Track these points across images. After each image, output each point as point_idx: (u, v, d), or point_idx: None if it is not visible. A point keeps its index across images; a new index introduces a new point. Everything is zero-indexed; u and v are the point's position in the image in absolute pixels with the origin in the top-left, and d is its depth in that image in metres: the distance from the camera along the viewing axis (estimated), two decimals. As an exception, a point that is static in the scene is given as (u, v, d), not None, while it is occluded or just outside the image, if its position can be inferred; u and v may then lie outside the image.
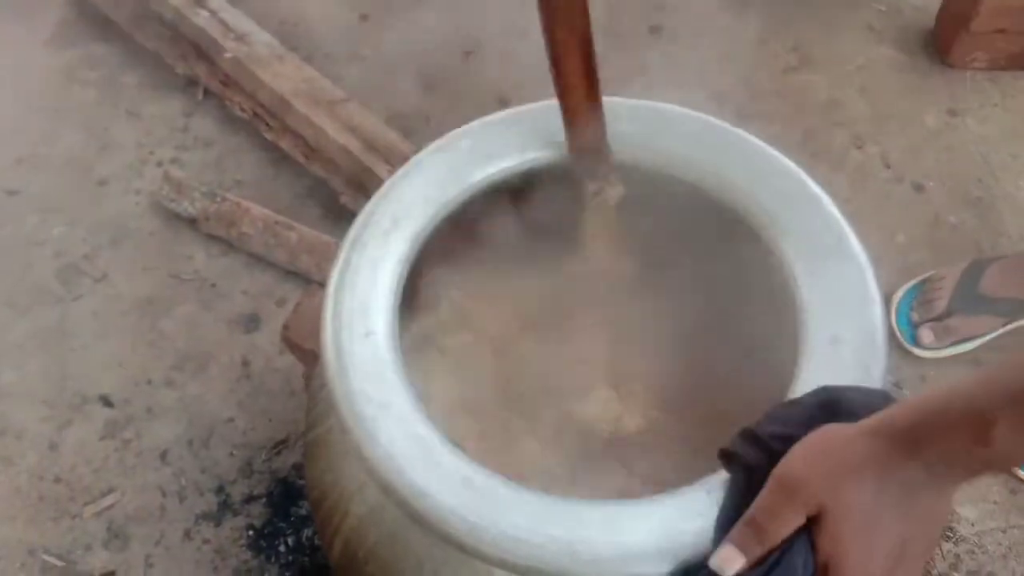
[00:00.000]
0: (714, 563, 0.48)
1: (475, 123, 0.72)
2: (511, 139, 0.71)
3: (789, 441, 0.48)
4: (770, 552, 0.47)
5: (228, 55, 1.40)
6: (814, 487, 0.45)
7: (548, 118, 0.71)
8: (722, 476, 0.54)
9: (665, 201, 0.69)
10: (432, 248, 0.68)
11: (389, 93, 1.37)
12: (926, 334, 1.11)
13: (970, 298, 1.09)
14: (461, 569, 0.59)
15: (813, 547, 0.46)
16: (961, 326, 1.10)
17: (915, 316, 1.13)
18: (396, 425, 0.57)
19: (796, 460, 0.47)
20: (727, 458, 0.51)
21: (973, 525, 0.99)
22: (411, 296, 0.65)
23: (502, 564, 0.53)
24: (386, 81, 1.38)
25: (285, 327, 0.99)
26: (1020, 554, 0.98)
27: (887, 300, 1.13)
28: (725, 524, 0.50)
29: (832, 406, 0.50)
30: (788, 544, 0.46)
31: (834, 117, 1.33)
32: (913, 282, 1.16)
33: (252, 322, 1.23)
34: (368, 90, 1.38)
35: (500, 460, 0.71)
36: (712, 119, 0.70)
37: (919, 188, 1.26)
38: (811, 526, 0.46)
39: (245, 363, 1.19)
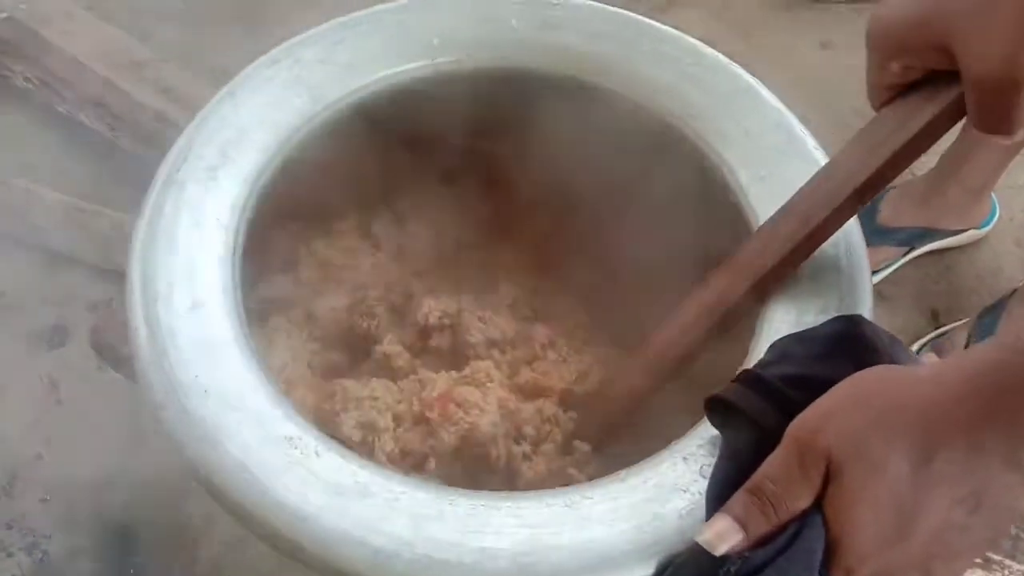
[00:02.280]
0: (704, 539, 0.35)
1: (325, 26, 0.55)
2: (373, 46, 0.55)
3: (807, 384, 0.36)
4: (779, 530, 0.34)
5: (2, 15, 1.14)
6: (835, 448, 0.33)
7: (420, 18, 0.56)
8: (703, 436, 0.41)
9: (572, 112, 0.56)
10: (278, 190, 0.51)
11: (212, 50, 1.16)
12: None
13: (868, 230, 1.04)
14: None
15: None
16: (862, 260, 1.05)
17: (813, 255, 1.07)
18: (248, 425, 0.40)
19: (823, 411, 0.34)
20: (721, 410, 0.38)
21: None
22: (254, 252, 0.48)
23: (425, 600, 0.37)
24: (208, 36, 1.17)
25: (94, 330, 0.78)
26: None
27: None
28: (720, 497, 0.37)
29: (852, 340, 0.38)
30: (801, 520, 0.34)
31: (708, 56, 1.26)
32: (807, 220, 1.10)
33: (58, 335, 0.99)
34: (186, 48, 1.16)
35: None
36: (618, 10, 0.57)
37: (803, 121, 1.21)
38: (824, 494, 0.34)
39: (53, 385, 0.96)
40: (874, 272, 1.05)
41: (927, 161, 1.11)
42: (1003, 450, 0.31)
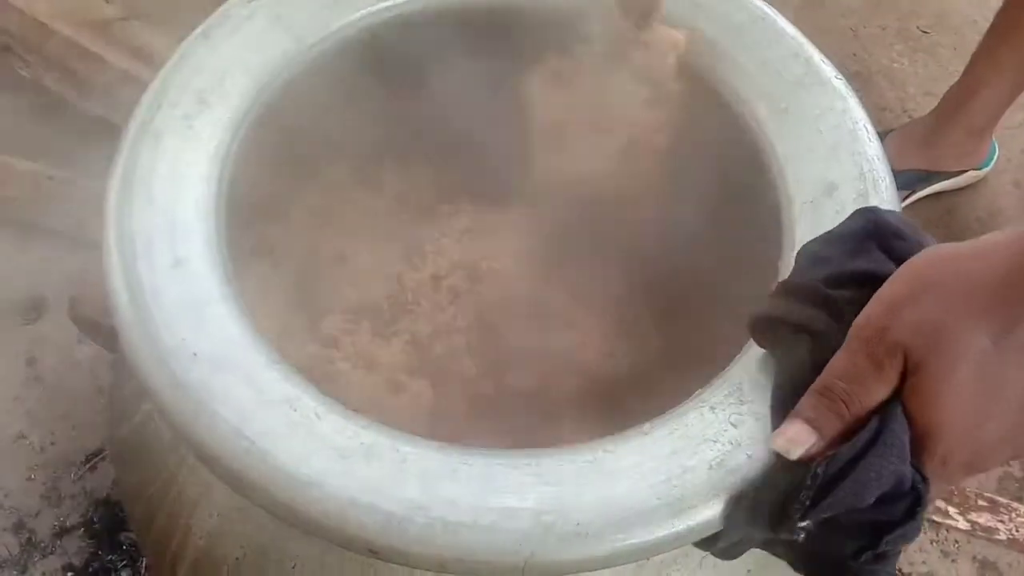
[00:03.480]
0: (778, 445, 0.33)
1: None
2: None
3: (849, 282, 0.34)
4: (855, 428, 0.32)
5: (-46, -24, 1.08)
6: (909, 339, 0.31)
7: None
8: (730, 384, 0.38)
9: (575, 49, 0.52)
10: (263, 137, 0.47)
11: (182, 6, 1.10)
12: None
13: (868, 176, 1.02)
14: (366, 571, 0.41)
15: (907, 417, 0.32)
16: (864, 206, 1.03)
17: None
18: (242, 388, 0.37)
19: (885, 301, 0.33)
20: (766, 329, 0.36)
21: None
22: (240, 203, 0.45)
23: (442, 566, 0.35)
24: (175, -8, 1.11)
25: (73, 302, 0.74)
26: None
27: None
28: (785, 410, 0.35)
29: (878, 230, 0.36)
30: (883, 414, 0.32)
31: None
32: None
33: (35, 309, 0.95)
34: (155, 5, 1.11)
35: (386, 412, 0.52)
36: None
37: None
38: (902, 388, 0.32)
39: (31, 361, 0.92)
40: (875, 218, 1.03)
41: (927, 104, 1.09)
42: None
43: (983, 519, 0.87)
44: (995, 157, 1.06)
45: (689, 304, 0.51)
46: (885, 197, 0.44)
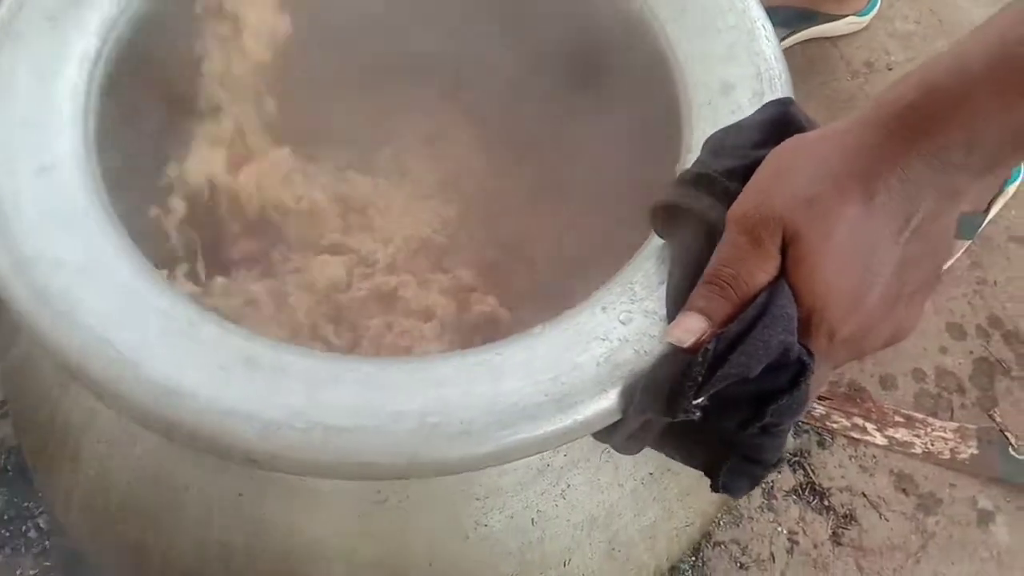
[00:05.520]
0: (672, 337, 0.33)
1: None
2: None
3: (748, 175, 0.34)
4: (744, 307, 0.32)
5: None
6: (784, 212, 0.32)
7: None
8: (621, 284, 0.38)
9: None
10: (140, 42, 0.44)
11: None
12: None
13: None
14: (263, 490, 0.40)
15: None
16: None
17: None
18: (110, 297, 0.35)
19: (756, 187, 0.33)
20: (666, 216, 0.36)
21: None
22: (116, 111, 0.42)
23: (323, 471, 0.34)
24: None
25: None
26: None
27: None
28: (679, 302, 0.35)
29: (784, 123, 0.36)
30: (770, 291, 0.32)
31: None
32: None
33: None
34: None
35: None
36: None
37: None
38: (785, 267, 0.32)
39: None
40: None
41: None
42: (925, 180, 0.31)
43: (899, 434, 0.90)
44: (877, 5, 1.04)
45: (602, 206, 0.50)
46: (781, 96, 0.43)
